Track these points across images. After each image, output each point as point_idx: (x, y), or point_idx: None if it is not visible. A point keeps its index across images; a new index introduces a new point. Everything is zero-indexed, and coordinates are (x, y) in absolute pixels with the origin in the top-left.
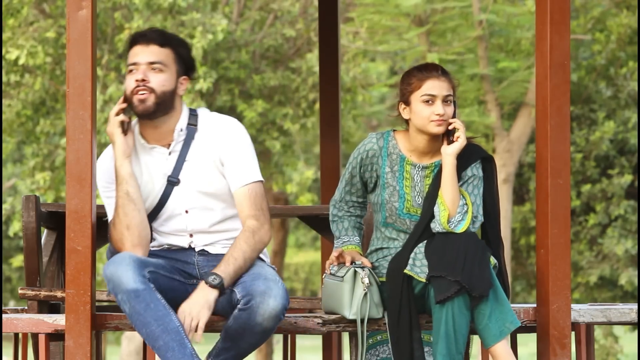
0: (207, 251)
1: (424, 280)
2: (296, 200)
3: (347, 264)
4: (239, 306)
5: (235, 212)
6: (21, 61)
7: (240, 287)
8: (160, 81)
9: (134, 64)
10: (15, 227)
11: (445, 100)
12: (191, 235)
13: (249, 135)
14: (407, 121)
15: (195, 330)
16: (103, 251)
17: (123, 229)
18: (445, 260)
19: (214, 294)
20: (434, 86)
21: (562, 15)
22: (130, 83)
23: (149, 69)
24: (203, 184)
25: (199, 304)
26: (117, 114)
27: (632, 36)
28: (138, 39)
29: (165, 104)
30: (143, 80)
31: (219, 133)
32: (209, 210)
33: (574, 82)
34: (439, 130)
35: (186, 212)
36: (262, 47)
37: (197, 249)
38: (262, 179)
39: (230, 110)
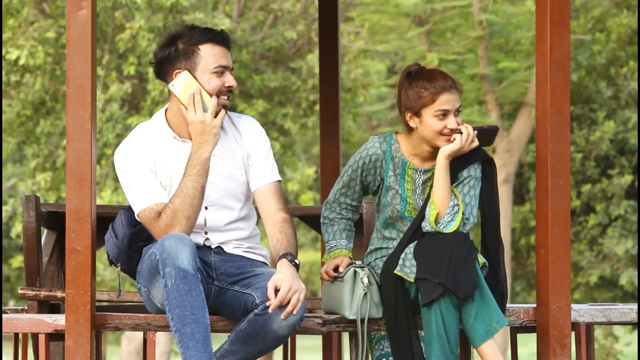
0: (222, 249)
1: (412, 281)
2: (297, 198)
3: (342, 269)
4: (255, 310)
5: (246, 213)
6: (21, 61)
7: (259, 291)
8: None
9: (225, 66)
10: (17, 228)
11: (456, 113)
12: (206, 233)
13: None
14: (408, 125)
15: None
16: (103, 251)
17: (181, 217)
18: (430, 262)
19: (296, 272)
20: (448, 100)
21: (562, 15)
22: (217, 84)
23: (230, 73)
24: (227, 179)
25: (297, 278)
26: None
27: (632, 36)
28: (220, 40)
29: None
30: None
31: (245, 130)
32: (227, 208)
33: (574, 82)
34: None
35: (205, 208)
36: (262, 47)
37: (212, 247)
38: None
39: (230, 110)
